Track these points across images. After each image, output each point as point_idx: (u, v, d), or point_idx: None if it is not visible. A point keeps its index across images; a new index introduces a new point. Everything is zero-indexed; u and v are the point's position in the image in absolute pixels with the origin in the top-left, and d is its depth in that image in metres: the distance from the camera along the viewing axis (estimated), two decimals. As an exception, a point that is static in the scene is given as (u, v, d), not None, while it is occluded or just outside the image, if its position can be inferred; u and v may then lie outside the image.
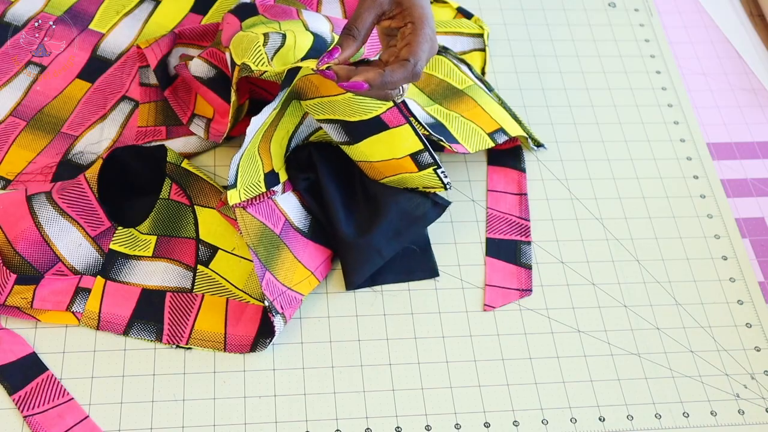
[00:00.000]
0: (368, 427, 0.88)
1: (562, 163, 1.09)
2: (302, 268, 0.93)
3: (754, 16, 1.28)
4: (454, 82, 1.07)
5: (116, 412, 0.87)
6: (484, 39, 1.17)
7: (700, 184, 1.09)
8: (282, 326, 0.90)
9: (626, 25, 1.24)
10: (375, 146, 0.95)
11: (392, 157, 0.95)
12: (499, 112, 1.06)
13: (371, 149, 0.95)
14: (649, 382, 0.94)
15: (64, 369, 0.89)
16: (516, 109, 1.12)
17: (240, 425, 0.87)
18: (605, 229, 1.04)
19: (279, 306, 0.89)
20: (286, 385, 0.90)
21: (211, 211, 0.97)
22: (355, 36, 0.84)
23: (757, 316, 0.99)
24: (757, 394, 0.94)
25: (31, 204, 0.91)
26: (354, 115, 0.93)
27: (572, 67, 1.18)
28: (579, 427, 0.90)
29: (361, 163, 0.98)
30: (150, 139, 1.03)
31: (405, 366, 0.92)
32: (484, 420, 0.89)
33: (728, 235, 1.05)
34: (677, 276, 1.01)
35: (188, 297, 0.92)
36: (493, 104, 1.06)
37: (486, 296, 0.97)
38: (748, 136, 1.15)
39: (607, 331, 0.97)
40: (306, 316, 0.94)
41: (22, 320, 0.90)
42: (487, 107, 1.05)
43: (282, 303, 0.90)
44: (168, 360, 0.90)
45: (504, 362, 0.93)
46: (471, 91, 1.07)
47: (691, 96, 1.18)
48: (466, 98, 1.06)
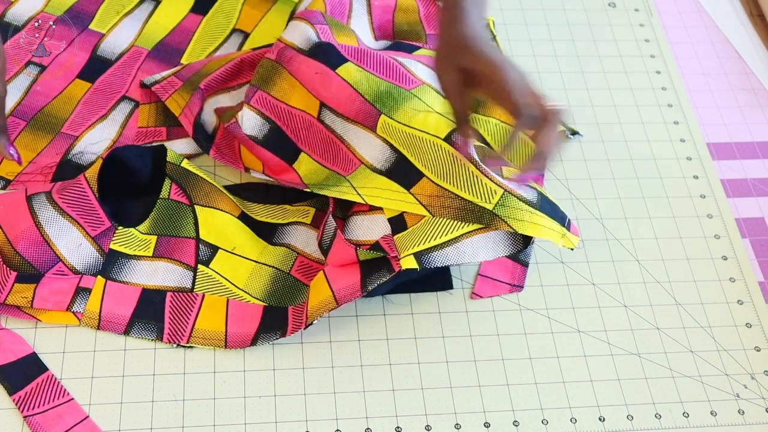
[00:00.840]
0: (368, 427, 0.88)
1: (562, 163, 1.09)
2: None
3: (754, 16, 1.28)
4: None
5: (116, 412, 0.87)
6: (491, 27, 1.16)
7: (700, 184, 1.09)
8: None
9: (626, 25, 1.24)
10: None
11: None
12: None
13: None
14: (649, 382, 0.94)
15: (64, 369, 0.89)
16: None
17: (240, 425, 0.87)
18: (605, 229, 1.04)
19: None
20: (286, 385, 0.90)
21: (211, 211, 0.97)
22: (465, 120, 0.88)
23: (757, 316, 0.99)
24: (757, 394, 0.94)
25: (31, 204, 0.91)
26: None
27: (572, 67, 1.18)
28: (579, 427, 0.90)
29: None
30: (150, 139, 1.03)
31: (405, 366, 0.92)
32: (484, 420, 0.89)
33: (728, 235, 1.05)
34: (677, 276, 1.01)
35: (189, 296, 0.92)
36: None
37: (476, 285, 0.97)
38: (748, 136, 1.15)
39: (607, 331, 0.97)
40: (306, 316, 0.94)
41: (22, 320, 0.90)
42: None
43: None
44: (168, 360, 0.90)
45: (504, 362, 0.93)
46: None
47: (691, 96, 1.18)
48: None
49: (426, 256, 0.89)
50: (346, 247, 0.91)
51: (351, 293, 0.90)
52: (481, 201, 0.89)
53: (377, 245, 0.91)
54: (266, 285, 0.94)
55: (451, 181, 0.91)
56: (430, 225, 0.90)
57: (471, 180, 0.90)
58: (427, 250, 0.89)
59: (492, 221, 0.88)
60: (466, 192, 0.90)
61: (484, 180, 0.90)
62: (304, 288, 0.94)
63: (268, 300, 0.93)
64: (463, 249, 0.90)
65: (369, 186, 0.94)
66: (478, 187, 0.90)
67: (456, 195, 0.90)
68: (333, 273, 0.92)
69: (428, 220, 0.90)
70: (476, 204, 0.89)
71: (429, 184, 0.91)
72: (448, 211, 0.90)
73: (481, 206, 0.89)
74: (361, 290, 0.90)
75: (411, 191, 0.92)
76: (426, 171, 0.92)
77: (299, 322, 0.91)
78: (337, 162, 0.97)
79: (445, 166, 0.91)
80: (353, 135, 0.96)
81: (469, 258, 0.90)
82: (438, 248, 0.89)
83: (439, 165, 0.91)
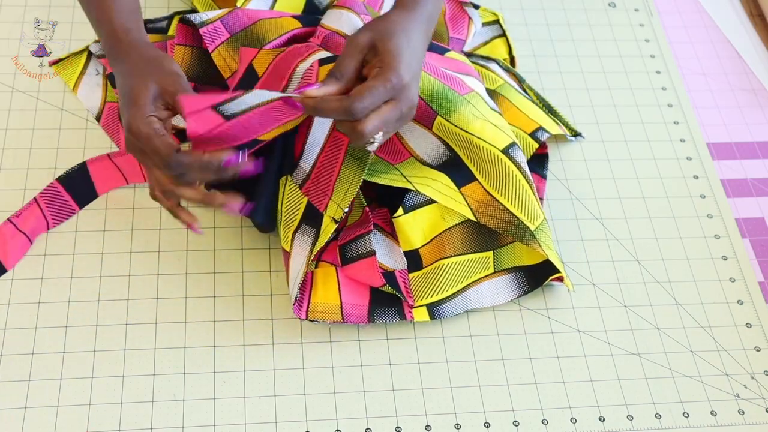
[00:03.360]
0: (368, 427, 0.88)
1: (562, 163, 1.09)
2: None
3: (754, 16, 1.28)
4: (486, 84, 1.06)
5: (116, 412, 0.87)
6: (501, 23, 1.16)
7: (700, 184, 1.09)
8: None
9: (626, 25, 1.24)
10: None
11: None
12: (534, 110, 1.06)
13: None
14: (649, 382, 0.94)
15: (64, 369, 0.89)
16: (516, 109, 1.13)
17: (240, 425, 0.87)
18: (605, 229, 1.04)
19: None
20: (286, 385, 0.90)
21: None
22: (338, 78, 0.83)
23: (757, 316, 0.99)
24: (757, 394, 0.94)
25: None
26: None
27: (572, 67, 1.18)
28: (579, 427, 0.90)
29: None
30: None
31: (405, 366, 0.92)
32: (484, 420, 0.90)
33: (728, 235, 1.05)
34: (677, 276, 1.01)
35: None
36: (526, 102, 1.06)
37: None
38: (748, 136, 1.15)
39: (607, 331, 0.97)
40: (306, 316, 0.94)
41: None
42: (522, 106, 1.05)
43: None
44: (168, 360, 0.90)
45: (504, 362, 0.93)
46: (504, 90, 1.06)
47: (691, 96, 1.18)
48: (501, 98, 1.05)
49: (437, 308, 0.93)
50: (375, 275, 0.91)
51: (357, 315, 0.92)
52: (527, 220, 0.92)
53: (393, 279, 0.92)
54: None
55: (504, 193, 0.93)
56: (443, 273, 0.93)
57: (523, 197, 0.93)
58: (438, 302, 0.93)
59: (530, 241, 0.92)
60: (516, 207, 0.92)
61: (534, 201, 0.93)
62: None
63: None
64: (469, 297, 0.94)
65: (419, 175, 0.94)
66: (528, 205, 0.93)
67: (505, 207, 0.92)
68: (345, 281, 0.93)
69: (440, 266, 0.93)
70: (521, 221, 0.92)
71: (480, 189, 0.93)
72: (494, 221, 0.93)
73: (525, 224, 0.92)
74: (368, 318, 0.92)
75: (461, 190, 0.93)
76: (479, 176, 0.93)
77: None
78: (386, 150, 0.96)
79: (500, 178, 0.93)
80: (407, 128, 0.96)
81: (474, 305, 0.95)
82: (448, 299, 0.94)
83: (493, 174, 0.93)
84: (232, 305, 0.94)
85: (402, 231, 0.94)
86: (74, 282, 0.94)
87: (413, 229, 0.95)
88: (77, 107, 1.06)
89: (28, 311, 0.92)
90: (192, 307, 0.94)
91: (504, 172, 0.93)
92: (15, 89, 1.07)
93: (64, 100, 1.07)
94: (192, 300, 0.94)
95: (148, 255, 0.97)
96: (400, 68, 0.82)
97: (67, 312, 0.92)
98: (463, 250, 0.95)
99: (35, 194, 0.98)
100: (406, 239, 0.95)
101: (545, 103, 1.11)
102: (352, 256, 0.93)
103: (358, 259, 0.92)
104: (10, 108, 1.05)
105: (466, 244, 0.95)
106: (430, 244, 0.95)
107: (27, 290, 0.93)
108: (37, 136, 1.03)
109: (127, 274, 0.95)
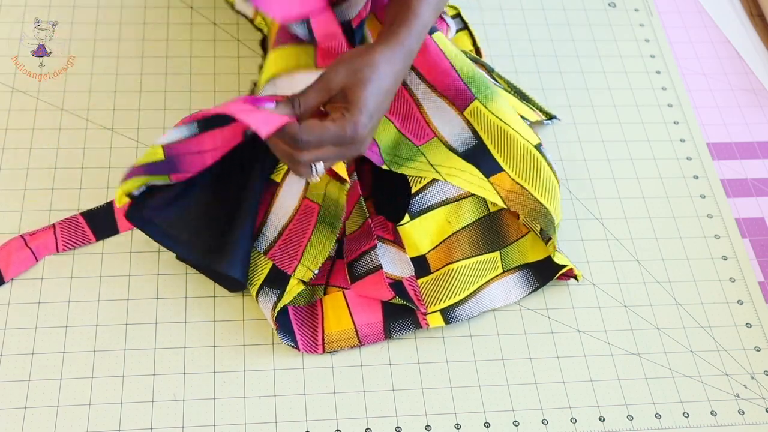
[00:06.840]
0: (368, 427, 0.88)
1: (563, 163, 1.09)
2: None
3: (754, 16, 1.28)
4: None
5: (116, 412, 0.87)
6: (462, 17, 1.16)
7: (700, 184, 1.09)
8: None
9: (626, 25, 1.24)
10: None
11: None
12: (510, 99, 1.06)
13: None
14: (649, 382, 0.94)
15: (64, 369, 0.89)
16: (516, 109, 1.13)
17: (240, 425, 0.87)
18: (605, 229, 1.04)
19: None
20: (286, 385, 0.90)
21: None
22: (295, 107, 0.82)
23: (757, 316, 0.99)
24: (757, 394, 0.94)
25: None
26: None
27: (572, 67, 1.18)
28: (579, 427, 0.90)
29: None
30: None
31: (405, 366, 0.92)
32: (484, 420, 0.89)
33: (728, 235, 1.05)
34: (677, 276, 1.01)
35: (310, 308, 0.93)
36: (503, 93, 1.06)
37: None
38: (748, 136, 1.15)
39: (607, 331, 0.97)
40: (306, 316, 0.94)
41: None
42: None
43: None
44: (168, 360, 0.90)
45: (504, 362, 0.93)
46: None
47: (691, 96, 1.18)
48: None
49: (451, 312, 0.93)
50: (383, 289, 0.91)
51: (374, 335, 0.92)
52: (554, 212, 0.94)
53: (402, 290, 0.92)
54: None
55: (534, 184, 0.93)
56: (454, 277, 0.93)
57: (552, 193, 0.94)
58: (451, 307, 0.93)
59: (553, 234, 0.94)
60: (546, 198, 0.93)
61: (560, 200, 0.95)
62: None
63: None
64: (482, 299, 0.94)
65: (447, 165, 0.94)
66: (556, 201, 0.94)
67: (535, 197, 0.93)
68: (354, 301, 0.93)
69: (450, 270, 0.94)
70: (550, 212, 0.93)
71: (508, 179, 0.94)
72: (524, 209, 0.93)
73: (552, 215, 0.93)
74: (384, 335, 0.92)
75: (490, 180, 0.93)
76: (507, 167, 0.94)
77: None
78: (409, 125, 0.96)
79: (531, 171, 0.94)
80: (433, 105, 0.95)
81: (488, 306, 0.95)
82: (461, 303, 0.93)
83: (524, 167, 0.94)
84: (232, 305, 0.94)
85: (409, 237, 0.94)
86: (74, 282, 0.94)
87: (420, 235, 0.95)
88: (77, 107, 1.06)
89: (28, 311, 0.92)
90: (192, 307, 0.94)
91: (536, 167, 0.94)
92: (15, 89, 1.07)
93: (64, 100, 1.07)
94: (192, 300, 0.94)
95: (149, 255, 0.96)
96: (360, 122, 0.81)
97: (67, 312, 0.92)
98: (471, 252, 0.95)
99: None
100: (414, 245, 0.95)
101: (517, 90, 1.10)
102: (360, 273, 0.93)
103: (366, 275, 0.92)
104: (10, 108, 1.06)
105: (474, 247, 0.95)
106: (438, 248, 0.95)
107: (27, 290, 0.93)
108: (37, 136, 1.04)
109: (128, 274, 0.95)
